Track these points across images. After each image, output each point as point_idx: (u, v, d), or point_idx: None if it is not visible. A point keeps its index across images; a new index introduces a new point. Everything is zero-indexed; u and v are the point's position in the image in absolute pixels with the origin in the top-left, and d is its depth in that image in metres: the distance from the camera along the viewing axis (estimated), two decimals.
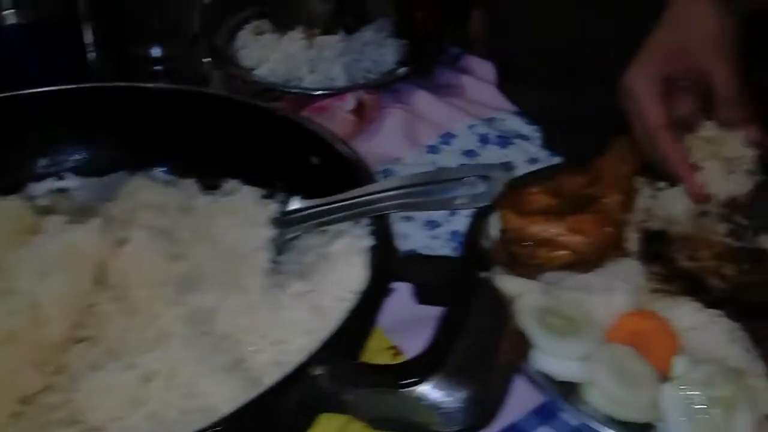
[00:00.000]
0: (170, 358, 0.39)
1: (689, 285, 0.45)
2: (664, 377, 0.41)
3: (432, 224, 0.59)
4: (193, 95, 0.58)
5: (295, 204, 0.49)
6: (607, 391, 0.40)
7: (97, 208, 0.52)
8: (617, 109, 0.65)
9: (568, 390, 0.42)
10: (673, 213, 0.54)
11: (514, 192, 0.53)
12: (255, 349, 0.42)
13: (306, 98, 0.76)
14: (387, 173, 0.67)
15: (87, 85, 0.57)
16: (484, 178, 0.42)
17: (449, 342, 0.33)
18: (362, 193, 0.45)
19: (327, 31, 0.83)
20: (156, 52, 0.66)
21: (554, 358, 0.42)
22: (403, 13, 0.90)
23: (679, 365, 0.40)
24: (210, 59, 0.76)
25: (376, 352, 0.46)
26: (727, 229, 0.51)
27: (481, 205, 0.41)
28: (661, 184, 0.58)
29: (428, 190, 0.43)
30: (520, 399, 0.43)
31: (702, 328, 0.42)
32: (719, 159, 0.52)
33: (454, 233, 0.58)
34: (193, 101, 0.57)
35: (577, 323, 0.44)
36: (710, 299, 0.44)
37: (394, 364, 0.34)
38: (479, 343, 0.34)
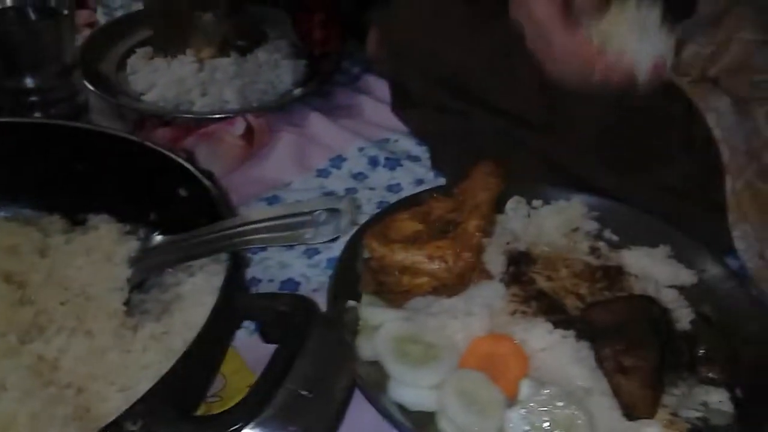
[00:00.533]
0: (2, 413, 0.38)
1: (546, 305, 0.46)
2: (513, 401, 0.41)
3: (311, 252, 0.59)
4: (56, 128, 0.56)
5: (156, 241, 0.48)
6: (456, 420, 0.40)
7: None
8: (502, 133, 0.66)
9: (425, 421, 0.42)
10: (544, 231, 0.55)
11: (384, 219, 0.53)
12: (100, 396, 0.40)
13: (195, 123, 0.74)
14: (274, 200, 0.66)
15: None
16: (334, 211, 0.42)
17: (275, 382, 0.33)
18: (219, 228, 0.45)
19: (220, 53, 0.82)
20: (29, 83, 0.63)
21: (410, 387, 0.42)
22: (301, 32, 0.90)
23: (525, 388, 0.41)
24: (91, 88, 0.74)
25: (239, 390, 0.45)
26: (590, 247, 0.53)
27: (328, 239, 0.41)
28: (537, 203, 0.59)
29: (282, 225, 0.43)
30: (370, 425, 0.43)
31: (553, 348, 0.43)
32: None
33: (330, 260, 0.57)
34: (57, 134, 0.55)
35: (436, 350, 0.44)
36: (565, 319, 0.45)
37: (219, 413, 0.34)
38: (308, 380, 0.33)
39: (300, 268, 0.57)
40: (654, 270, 0.51)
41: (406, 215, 0.52)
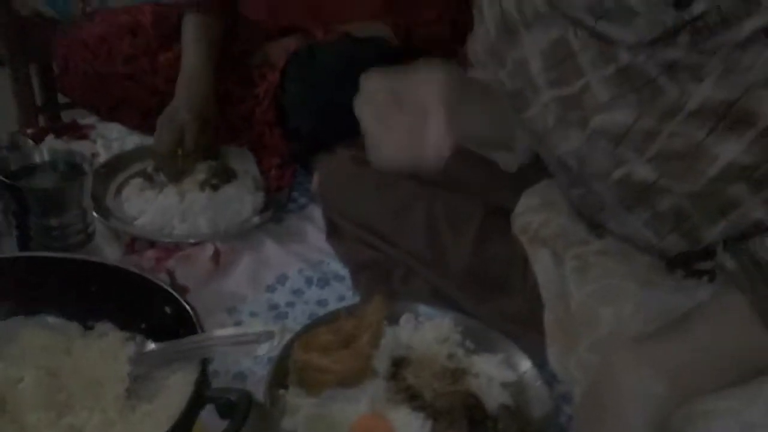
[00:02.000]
0: None
1: (410, 395, 0.68)
2: None
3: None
4: (74, 261, 0.78)
5: (149, 347, 0.70)
6: None
7: None
8: (401, 266, 0.91)
9: None
10: (425, 340, 0.79)
11: (309, 331, 0.76)
12: None
13: (175, 245, 0.97)
14: (233, 310, 0.89)
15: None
16: (270, 334, 0.65)
17: None
18: (194, 341, 0.67)
19: (199, 189, 1.06)
20: (54, 222, 0.86)
21: None
22: (261, 169, 1.15)
23: None
24: (96, 215, 0.96)
25: None
26: (448, 354, 0.76)
27: (269, 354, 0.64)
28: (422, 318, 0.83)
29: (237, 341, 0.66)
30: None
31: (410, 425, 0.65)
32: None
33: (270, 359, 0.80)
34: (74, 265, 0.78)
35: (336, 425, 0.66)
36: (420, 405, 0.68)
37: None
38: None
39: (248, 364, 0.80)
40: (490, 371, 0.75)
41: (324, 329, 0.76)
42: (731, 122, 0.54)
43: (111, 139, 1.23)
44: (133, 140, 1.22)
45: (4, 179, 0.82)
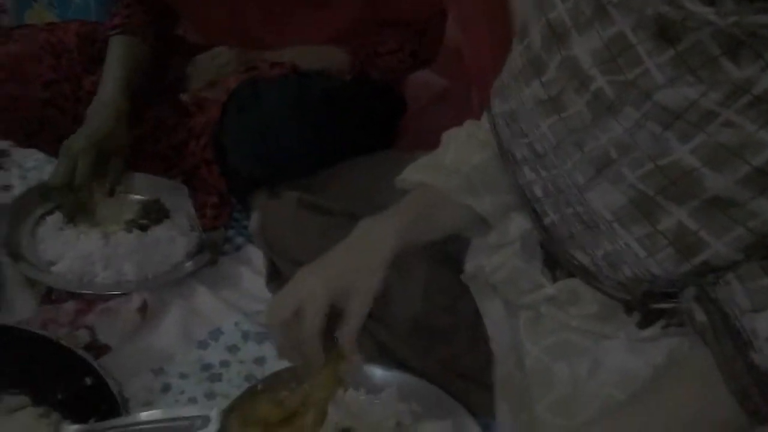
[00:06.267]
0: None
1: None
2: None
3: None
4: None
5: (65, 429, 0.63)
6: None
7: None
8: None
9: None
10: (373, 408, 0.75)
11: (247, 399, 0.70)
12: None
13: (98, 297, 0.89)
14: (160, 371, 0.82)
15: None
16: (206, 419, 0.59)
17: None
18: (117, 424, 0.60)
19: (125, 229, 0.98)
20: None
21: None
22: (196, 206, 1.08)
23: None
24: (7, 258, 0.87)
25: None
26: (396, 422, 0.73)
27: None
28: (368, 388, 0.78)
29: (167, 428, 0.60)
30: None
31: None
32: None
33: None
34: None
35: None
36: None
37: None
38: None
39: None
40: None
41: (264, 398, 0.70)
42: None
43: (27, 168, 1.13)
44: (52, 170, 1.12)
45: None
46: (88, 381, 0.67)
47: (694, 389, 0.60)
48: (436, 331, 0.82)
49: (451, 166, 0.78)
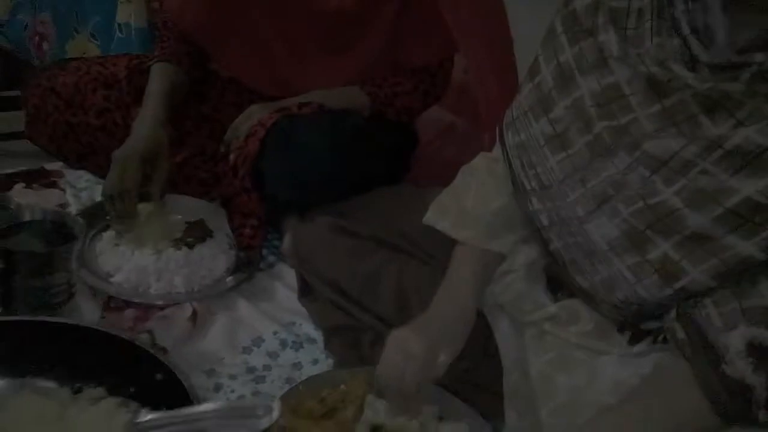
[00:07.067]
0: None
1: None
2: None
3: None
4: (68, 327, 0.81)
5: (143, 415, 0.73)
6: None
7: None
8: (370, 329, 0.98)
9: None
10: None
11: (297, 398, 0.81)
12: None
13: (152, 306, 1.00)
14: (212, 372, 0.93)
15: None
16: (268, 408, 0.70)
17: None
18: (189, 413, 0.71)
19: (174, 247, 1.09)
20: (40, 283, 0.88)
21: None
22: (233, 227, 1.19)
23: None
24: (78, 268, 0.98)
25: None
26: (420, 423, 0.83)
27: (264, 426, 0.69)
28: None
29: (233, 415, 0.71)
30: None
31: None
32: None
33: None
34: (61, 328, 0.80)
35: None
36: None
37: None
38: None
39: None
40: None
41: (308, 395, 0.81)
42: (758, 166, 0.63)
43: (80, 188, 1.24)
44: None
45: None
46: (159, 376, 0.78)
47: (675, 395, 0.71)
48: None
49: (473, 212, 0.87)
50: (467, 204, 0.88)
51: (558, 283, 0.88)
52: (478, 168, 0.93)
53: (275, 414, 0.68)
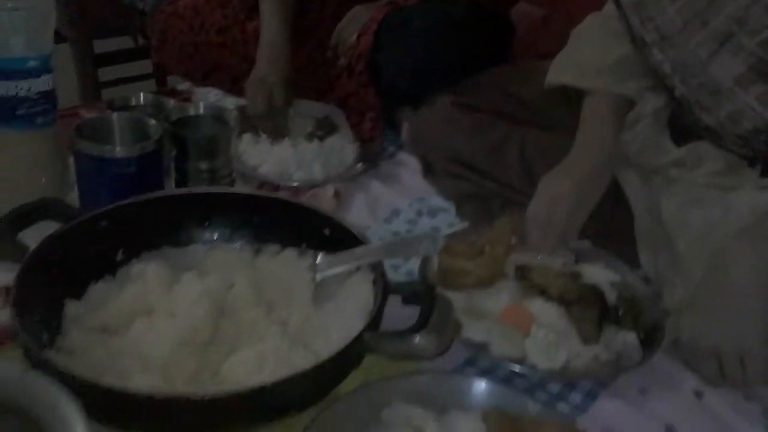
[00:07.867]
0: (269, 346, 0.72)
1: (538, 290, 0.84)
2: (525, 335, 0.79)
3: (395, 267, 0.96)
4: (248, 196, 0.92)
5: (321, 258, 0.84)
6: (499, 347, 0.78)
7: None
8: (495, 194, 1.05)
9: (482, 348, 0.80)
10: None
11: (448, 242, 0.90)
12: (317, 333, 0.76)
13: (299, 189, 1.12)
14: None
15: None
16: (430, 238, 0.80)
17: (426, 317, 0.70)
18: (364, 249, 0.81)
19: (307, 140, 1.20)
20: (203, 166, 1.00)
21: (474, 331, 0.80)
22: (352, 124, 1.29)
23: (533, 329, 0.79)
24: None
25: None
26: (562, 262, 0.91)
27: (430, 254, 0.79)
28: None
29: (400, 248, 0.81)
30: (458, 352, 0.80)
31: (546, 313, 0.81)
32: None
33: (408, 271, 0.94)
34: (248, 199, 0.92)
35: (484, 313, 0.82)
36: (548, 297, 0.83)
37: (405, 329, 0.69)
38: (440, 317, 0.70)
39: (391, 275, 0.94)
40: (598, 274, 0.90)
41: (458, 240, 0.90)
42: None
43: (211, 102, 1.36)
44: (230, 101, 1.35)
45: (171, 128, 0.96)
46: (327, 231, 0.88)
47: None
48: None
49: (596, 62, 0.91)
50: (587, 56, 0.92)
51: (682, 132, 0.92)
52: (591, 26, 0.97)
53: (440, 242, 0.78)
